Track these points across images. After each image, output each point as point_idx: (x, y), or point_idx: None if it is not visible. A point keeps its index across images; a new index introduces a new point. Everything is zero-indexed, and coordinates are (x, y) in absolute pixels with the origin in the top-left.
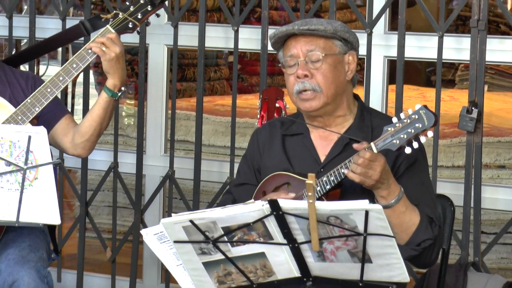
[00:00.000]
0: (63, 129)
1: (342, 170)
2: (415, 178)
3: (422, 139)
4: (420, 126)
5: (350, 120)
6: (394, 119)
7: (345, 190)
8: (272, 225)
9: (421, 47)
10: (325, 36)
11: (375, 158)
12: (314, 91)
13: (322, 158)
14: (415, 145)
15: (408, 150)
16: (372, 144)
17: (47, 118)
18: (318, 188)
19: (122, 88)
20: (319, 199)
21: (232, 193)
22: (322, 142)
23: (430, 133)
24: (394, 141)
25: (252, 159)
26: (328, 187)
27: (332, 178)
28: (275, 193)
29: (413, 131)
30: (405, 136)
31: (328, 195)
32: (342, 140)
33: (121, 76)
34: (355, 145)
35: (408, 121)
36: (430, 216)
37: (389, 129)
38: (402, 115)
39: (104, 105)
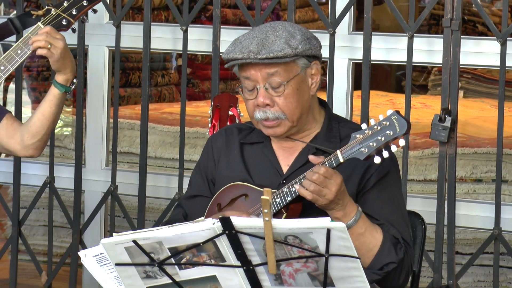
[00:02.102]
0: (7, 131)
1: (293, 188)
2: (385, 193)
3: (393, 148)
4: (391, 133)
5: (317, 129)
6: (364, 126)
7: (309, 203)
8: (224, 245)
9: (389, 49)
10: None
11: (330, 175)
12: (277, 119)
13: (285, 169)
14: (385, 154)
15: (377, 159)
16: (338, 152)
17: None
18: (278, 200)
19: (74, 80)
20: (279, 212)
21: (183, 206)
22: (285, 152)
23: (402, 142)
24: (362, 149)
25: (205, 169)
26: (289, 198)
27: (293, 189)
28: (233, 211)
29: (383, 138)
30: (375, 144)
31: (289, 208)
32: (308, 150)
33: (72, 68)
34: (311, 157)
35: (379, 127)
36: (396, 237)
37: (358, 136)
38: (372, 121)
39: (57, 102)
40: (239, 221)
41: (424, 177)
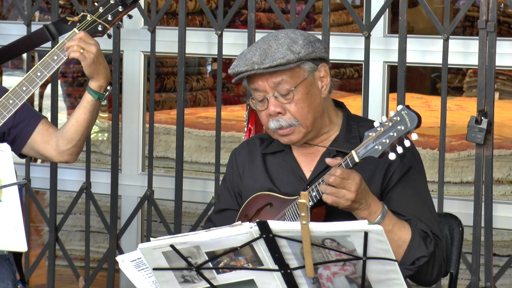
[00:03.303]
0: (43, 136)
1: (313, 193)
2: (409, 189)
3: (407, 142)
4: (403, 128)
5: (336, 132)
6: (376, 123)
7: (332, 208)
8: (261, 249)
9: (424, 51)
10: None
11: (348, 175)
12: (291, 126)
13: (308, 174)
14: (399, 150)
15: (392, 156)
16: (353, 152)
17: (22, 128)
18: None
19: (108, 88)
20: None
21: (213, 220)
22: (306, 158)
23: (414, 136)
24: (376, 147)
25: (231, 183)
26: (311, 203)
27: (314, 194)
28: (257, 216)
29: (395, 134)
30: (388, 141)
31: (312, 213)
32: (328, 154)
33: (106, 75)
34: (327, 160)
35: (390, 124)
36: (424, 231)
37: (371, 134)
38: (383, 118)
39: (90, 108)
40: (277, 225)
41: (460, 179)
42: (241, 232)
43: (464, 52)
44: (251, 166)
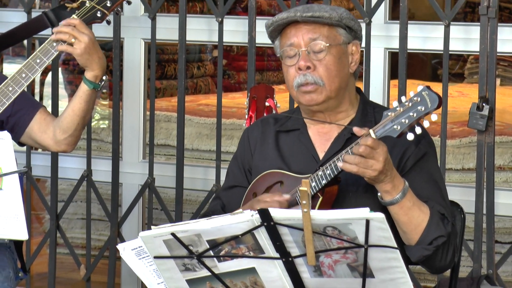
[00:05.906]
0: (40, 126)
1: (338, 164)
2: (424, 174)
3: (426, 123)
4: (423, 108)
5: (352, 115)
6: (395, 103)
7: (345, 188)
8: (263, 237)
9: (425, 37)
10: (329, 24)
11: (377, 145)
12: (316, 84)
13: (321, 155)
14: (418, 130)
15: (410, 136)
16: (371, 131)
17: (20, 117)
18: (314, 184)
19: (104, 78)
20: (315, 196)
21: (221, 198)
22: (321, 138)
23: (434, 117)
24: (395, 127)
25: (242, 160)
26: (324, 182)
27: (328, 172)
28: (267, 194)
29: (415, 114)
30: (407, 121)
31: (325, 192)
32: (343, 135)
33: (100, 65)
34: (355, 129)
35: (410, 104)
36: (441, 213)
37: (389, 114)
38: (403, 99)
39: (86, 98)
40: (278, 213)
41: (462, 166)
42: (242, 220)
43: (465, 38)
44: (263, 144)
